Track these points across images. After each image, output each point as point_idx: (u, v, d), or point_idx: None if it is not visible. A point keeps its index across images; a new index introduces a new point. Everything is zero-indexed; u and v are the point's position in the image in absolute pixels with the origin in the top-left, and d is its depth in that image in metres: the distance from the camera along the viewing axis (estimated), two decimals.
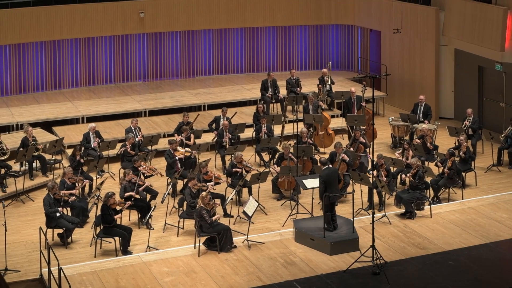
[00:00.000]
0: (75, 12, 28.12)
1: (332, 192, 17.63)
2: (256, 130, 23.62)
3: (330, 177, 17.76)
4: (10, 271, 16.35)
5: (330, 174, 17.85)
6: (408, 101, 27.11)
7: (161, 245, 17.73)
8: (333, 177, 17.86)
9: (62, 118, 25.42)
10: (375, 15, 29.46)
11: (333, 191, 17.67)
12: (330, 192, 17.57)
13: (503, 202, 19.94)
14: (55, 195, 17.94)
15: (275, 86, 26.41)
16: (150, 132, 23.91)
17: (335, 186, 17.84)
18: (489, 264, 16.65)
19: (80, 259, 17.10)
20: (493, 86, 25.86)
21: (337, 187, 18.02)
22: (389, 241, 17.70)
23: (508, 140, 22.58)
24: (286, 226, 18.57)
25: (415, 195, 18.97)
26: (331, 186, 17.68)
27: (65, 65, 28.63)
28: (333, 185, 17.75)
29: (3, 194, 20.42)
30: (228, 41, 30.63)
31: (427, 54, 27.25)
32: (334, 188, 17.76)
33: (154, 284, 15.81)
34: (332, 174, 17.93)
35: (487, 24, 24.73)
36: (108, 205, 17.26)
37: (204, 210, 17.07)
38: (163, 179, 21.00)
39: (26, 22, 27.37)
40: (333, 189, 17.71)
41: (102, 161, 21.24)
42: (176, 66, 30.24)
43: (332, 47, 31.64)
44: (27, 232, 18.57)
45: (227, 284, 15.78)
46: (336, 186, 17.91)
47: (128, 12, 28.83)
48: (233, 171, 20.13)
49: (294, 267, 16.52)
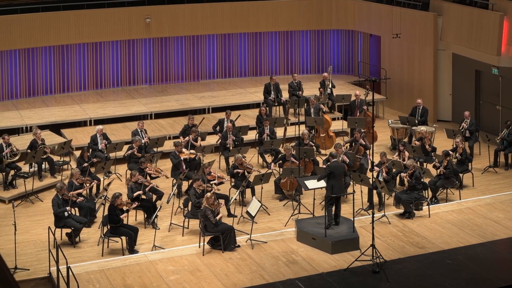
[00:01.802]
0: (83, 18, 28.16)
1: (336, 185, 17.63)
2: (259, 132, 23.64)
3: (337, 169, 17.76)
4: (20, 270, 16.38)
5: (337, 166, 17.89)
6: (407, 104, 27.12)
7: (167, 244, 17.74)
8: (340, 170, 17.84)
9: (70, 120, 25.44)
10: (375, 21, 29.48)
11: (337, 184, 17.66)
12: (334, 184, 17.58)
13: (500, 202, 19.94)
14: (63, 196, 17.96)
15: (277, 90, 26.43)
16: (156, 134, 23.91)
17: (339, 180, 17.80)
18: (486, 262, 16.64)
19: (88, 258, 17.12)
20: (489, 90, 25.86)
21: (341, 181, 17.99)
22: (389, 240, 17.71)
23: (504, 142, 22.58)
24: (288, 226, 18.58)
25: (414, 196, 18.99)
26: (335, 179, 17.66)
27: (73, 69, 28.67)
28: (337, 178, 17.71)
29: (12, 195, 20.46)
30: (231, 45, 30.67)
31: (426, 58, 27.26)
32: (338, 182, 17.74)
33: (160, 282, 15.83)
34: (339, 167, 17.95)
35: (483, 29, 24.74)
36: (115, 206, 17.28)
37: (208, 210, 17.09)
38: (169, 180, 21.01)
39: (35, 27, 27.42)
40: (337, 182, 17.69)
41: (109, 163, 21.26)
42: (181, 70, 30.28)
43: (333, 52, 31.66)
44: (36, 232, 18.60)
45: (231, 282, 15.80)
46: (340, 181, 17.88)
47: (134, 18, 28.87)
48: (235, 172, 20.17)
49: (296, 265, 16.53)
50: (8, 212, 19.25)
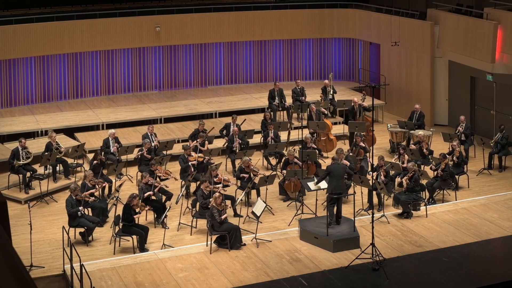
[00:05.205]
0: (96, 27, 28.20)
1: (337, 185, 17.58)
2: (263, 136, 23.64)
3: (336, 169, 17.68)
4: (35, 267, 16.41)
5: (337, 167, 17.81)
6: (405, 109, 27.10)
7: (176, 243, 17.75)
8: (339, 171, 17.76)
9: (84, 125, 25.46)
10: (374, 29, 29.47)
11: (337, 184, 17.62)
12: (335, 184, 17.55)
13: (494, 203, 19.91)
14: (77, 197, 17.98)
15: (281, 95, 26.43)
16: (165, 138, 23.93)
17: (339, 180, 17.73)
18: (480, 260, 16.62)
19: (100, 256, 17.13)
20: (484, 95, 25.84)
21: (342, 182, 17.94)
22: (388, 239, 17.69)
23: (498, 146, 22.57)
24: (292, 226, 18.57)
25: (412, 197, 18.97)
26: (335, 179, 17.62)
27: (86, 76, 28.70)
28: (336, 178, 17.63)
29: (28, 196, 20.50)
30: (237, 53, 30.68)
31: (423, 65, 27.25)
32: (338, 182, 17.68)
33: (169, 279, 15.83)
34: (339, 168, 17.89)
35: (478, 38, 24.72)
36: (131, 205, 17.31)
37: (215, 209, 17.10)
38: (178, 182, 21.01)
39: (50, 36, 27.46)
40: (337, 182, 17.64)
41: (121, 165, 21.27)
42: (190, 77, 30.29)
43: (334, 59, 31.65)
44: (51, 231, 18.62)
45: (237, 280, 15.79)
46: (341, 181, 17.81)
47: (145, 27, 28.89)
48: (241, 176, 20.18)
49: (299, 263, 16.52)
50: (24, 212, 19.26)
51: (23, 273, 6.22)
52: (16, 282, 6.00)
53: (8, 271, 6.16)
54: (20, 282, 6.01)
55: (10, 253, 6.56)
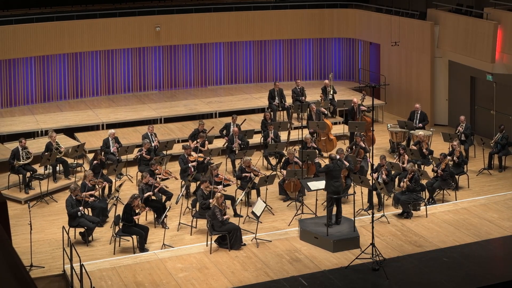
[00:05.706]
0: (96, 27, 28.20)
1: (335, 183, 17.57)
2: (264, 136, 23.63)
3: (334, 168, 17.66)
4: (35, 267, 16.41)
5: (335, 166, 17.78)
6: (405, 109, 27.09)
7: (176, 243, 17.74)
8: (337, 170, 17.75)
9: (84, 125, 25.46)
10: (374, 29, 29.46)
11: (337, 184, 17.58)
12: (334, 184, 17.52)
13: (494, 203, 19.91)
14: (77, 197, 17.98)
15: (281, 95, 26.43)
16: (165, 138, 23.92)
17: (337, 178, 17.71)
18: (480, 260, 16.61)
19: (100, 256, 17.12)
20: (484, 95, 25.84)
21: (341, 181, 17.89)
22: (388, 239, 17.68)
23: (498, 146, 22.56)
24: (292, 225, 18.56)
25: (412, 197, 18.96)
26: (333, 177, 17.60)
27: (86, 76, 28.69)
28: (334, 176, 17.62)
29: (28, 196, 20.49)
30: (237, 53, 30.67)
31: (423, 65, 27.24)
32: (337, 180, 17.67)
33: (169, 279, 15.82)
34: (338, 166, 17.87)
35: (478, 38, 24.71)
36: (132, 206, 17.30)
37: (217, 209, 17.10)
38: (178, 182, 21.00)
39: (50, 36, 27.46)
40: (336, 180, 17.63)
41: (121, 165, 21.26)
42: (190, 77, 30.28)
43: (334, 59, 31.65)
44: (51, 231, 18.62)
45: (237, 279, 15.78)
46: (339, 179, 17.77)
47: (145, 27, 28.89)
48: (243, 176, 20.17)
49: (299, 263, 16.51)
50: (24, 212, 19.26)
51: (23, 273, 6.21)
52: (16, 282, 5.98)
53: (8, 271, 6.15)
54: (20, 282, 6.00)
55: (10, 253, 6.55)
